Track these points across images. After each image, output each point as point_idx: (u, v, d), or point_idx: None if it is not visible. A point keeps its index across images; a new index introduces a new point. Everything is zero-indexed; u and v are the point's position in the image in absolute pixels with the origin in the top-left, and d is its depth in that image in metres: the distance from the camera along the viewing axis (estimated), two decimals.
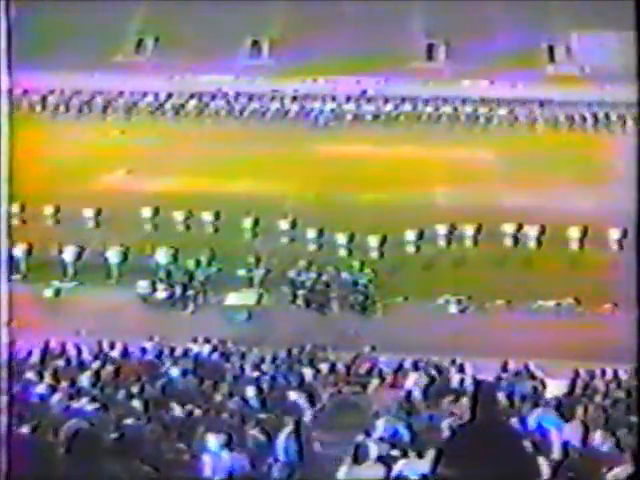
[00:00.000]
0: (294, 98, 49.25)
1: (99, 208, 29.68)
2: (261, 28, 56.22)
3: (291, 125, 46.04)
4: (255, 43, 56.39)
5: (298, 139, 41.74)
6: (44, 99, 48.69)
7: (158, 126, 45.21)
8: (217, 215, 28.79)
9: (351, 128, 45.47)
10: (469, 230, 27.41)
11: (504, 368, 16.95)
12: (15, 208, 29.15)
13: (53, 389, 15.78)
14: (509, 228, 27.51)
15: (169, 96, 49.33)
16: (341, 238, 26.79)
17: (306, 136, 42.81)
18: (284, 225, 28.05)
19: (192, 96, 48.91)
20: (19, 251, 25.28)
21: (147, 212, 29.18)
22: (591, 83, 48.90)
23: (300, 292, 23.43)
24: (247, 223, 28.24)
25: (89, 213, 29.31)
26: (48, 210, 29.40)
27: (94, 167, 34.10)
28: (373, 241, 26.50)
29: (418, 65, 54.47)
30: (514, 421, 12.01)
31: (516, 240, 27.48)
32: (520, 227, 27.52)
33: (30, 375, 16.72)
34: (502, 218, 28.02)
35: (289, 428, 11.79)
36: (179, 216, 28.82)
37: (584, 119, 46.59)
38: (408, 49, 55.14)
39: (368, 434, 11.38)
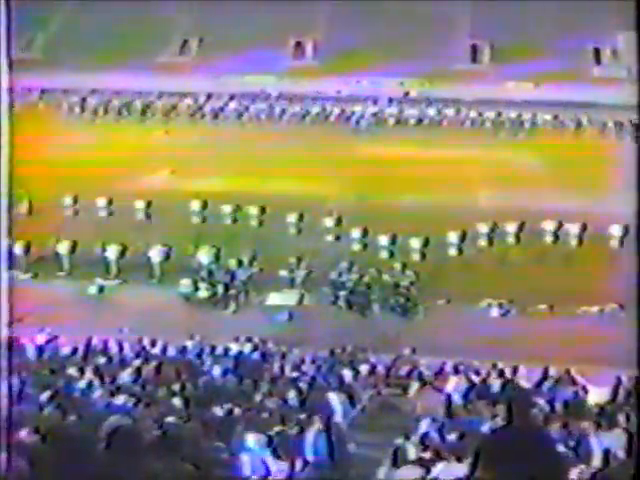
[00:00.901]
0: (337, 99, 49.22)
1: (145, 207, 30.04)
2: (305, 29, 56.26)
3: (333, 126, 45.98)
4: (298, 44, 56.43)
5: (341, 140, 41.73)
6: (84, 100, 49.10)
7: (201, 127, 45.43)
8: (260, 215, 29.00)
9: (394, 130, 45.32)
10: (511, 232, 27.27)
11: (545, 374, 16.82)
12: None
13: (95, 385, 15.97)
14: (550, 226, 27.32)
15: (212, 97, 49.54)
16: (383, 240, 26.74)
17: (349, 137, 42.80)
18: (328, 223, 28.11)
19: (235, 97, 49.07)
20: (63, 249, 25.64)
21: (193, 210, 29.51)
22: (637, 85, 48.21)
23: (341, 293, 23.45)
24: (289, 223, 28.40)
25: (139, 209, 29.78)
26: (94, 206, 29.84)
27: (138, 167, 34.31)
28: (415, 243, 26.42)
29: (462, 67, 54.18)
30: (554, 427, 11.93)
31: (558, 240, 27.26)
32: (560, 225, 27.32)
33: (72, 371, 16.92)
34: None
35: (318, 427, 11.78)
36: (222, 216, 29.02)
37: (630, 122, 45.94)
38: (452, 51, 54.87)
39: (407, 437, 11.37)
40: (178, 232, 27.02)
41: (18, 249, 25.75)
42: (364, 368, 17.02)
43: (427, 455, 10.66)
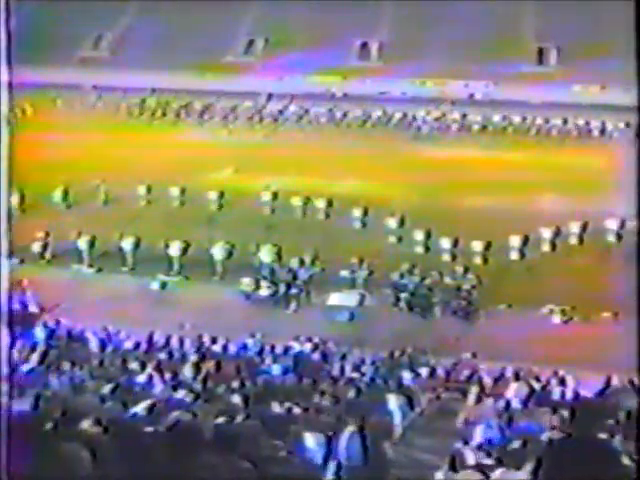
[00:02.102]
0: (401, 101, 49.06)
1: (207, 205, 30.40)
2: (370, 30, 56.24)
3: (397, 127, 45.85)
4: (364, 45, 56.41)
5: (404, 141, 41.70)
6: (143, 101, 49.70)
7: (264, 126, 45.66)
8: (324, 214, 29.17)
9: (458, 132, 45.03)
10: (574, 233, 26.98)
11: (607, 383, 16.55)
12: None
13: (155, 380, 16.14)
14: (612, 225, 26.95)
15: (276, 97, 49.78)
16: (445, 242, 26.59)
17: (412, 139, 42.70)
18: (391, 224, 28.08)
19: (299, 97, 49.23)
20: (128, 245, 25.98)
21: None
22: None
23: (403, 295, 23.38)
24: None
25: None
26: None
27: (201, 166, 34.63)
28: (477, 246, 26.23)
29: (528, 69, 53.65)
30: (617, 438, 11.71)
31: (621, 241, 26.87)
32: (622, 225, 26.93)
33: (134, 365, 17.14)
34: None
35: (352, 428, 11.71)
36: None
37: None
38: (518, 52, 54.35)
39: (466, 442, 11.27)
40: (240, 230, 27.19)
41: (83, 243, 26.19)
42: (424, 371, 16.95)
43: (486, 461, 10.56)
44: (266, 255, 24.91)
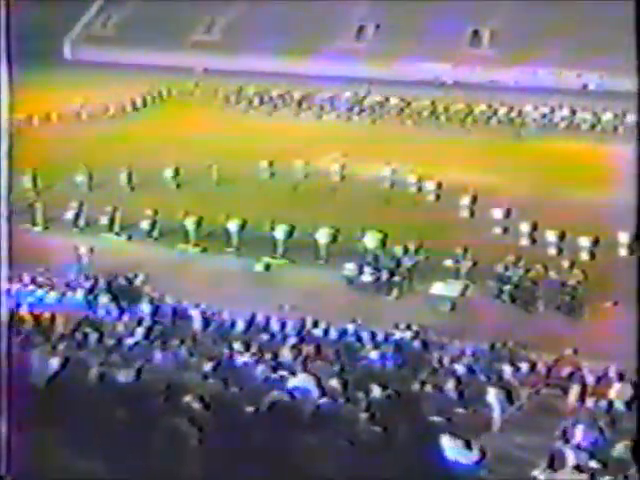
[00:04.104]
0: (513, 89, 48.21)
1: (312, 190, 30.62)
2: (483, 17, 55.49)
3: (506, 116, 45.06)
4: (476, 33, 55.72)
5: (514, 132, 41.11)
6: (240, 89, 49.94)
7: (372, 112, 45.47)
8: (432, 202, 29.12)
9: (569, 123, 44.04)
10: None
11: None
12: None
13: (256, 360, 16.39)
14: None
15: (384, 83, 49.48)
16: (551, 236, 26.12)
17: (522, 129, 42.04)
18: (497, 215, 27.79)
19: (408, 84, 48.86)
20: (233, 226, 26.34)
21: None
22: None
23: (506, 287, 23.08)
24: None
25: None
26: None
27: (310, 149, 34.80)
28: (584, 241, 25.67)
29: None
30: None
31: None
32: None
33: (235, 344, 17.42)
34: None
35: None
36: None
37: None
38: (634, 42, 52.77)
39: (567, 440, 11.10)
40: (345, 215, 27.25)
41: (190, 224, 26.67)
42: (524, 365, 16.73)
43: (588, 463, 10.38)
44: (371, 241, 24.92)
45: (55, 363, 12.39)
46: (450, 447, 10.97)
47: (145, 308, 20.72)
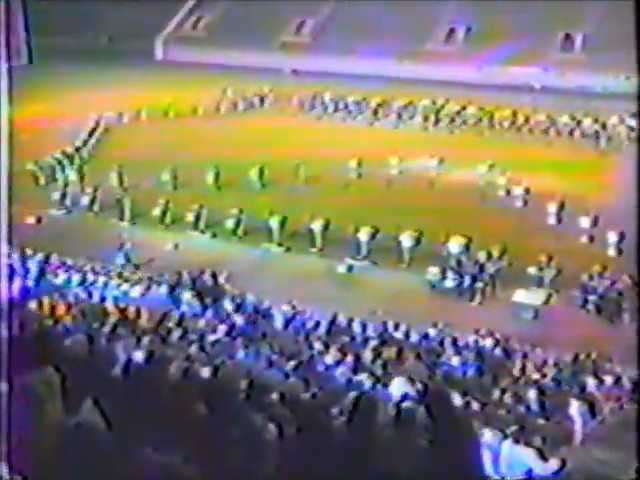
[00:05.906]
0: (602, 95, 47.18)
1: (398, 192, 30.57)
2: (575, 21, 54.61)
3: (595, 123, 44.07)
4: (568, 37, 54.84)
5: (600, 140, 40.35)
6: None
7: (464, 115, 44.94)
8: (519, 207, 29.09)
9: None
10: None
11: None
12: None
13: (337, 361, 16.45)
14: None
15: (475, 87, 48.91)
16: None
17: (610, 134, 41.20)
18: (584, 223, 27.32)
19: (498, 87, 48.21)
20: (317, 226, 26.46)
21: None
22: None
23: (591, 298, 22.65)
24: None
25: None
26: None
27: (398, 153, 34.65)
28: None
29: None
30: None
31: None
32: None
33: (317, 345, 17.50)
34: None
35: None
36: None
37: None
38: None
39: None
40: (429, 218, 27.09)
41: (274, 223, 26.86)
42: (608, 378, 16.40)
43: None
44: (454, 246, 24.75)
45: (139, 356, 12.62)
46: (525, 454, 10.84)
47: (227, 305, 20.97)
